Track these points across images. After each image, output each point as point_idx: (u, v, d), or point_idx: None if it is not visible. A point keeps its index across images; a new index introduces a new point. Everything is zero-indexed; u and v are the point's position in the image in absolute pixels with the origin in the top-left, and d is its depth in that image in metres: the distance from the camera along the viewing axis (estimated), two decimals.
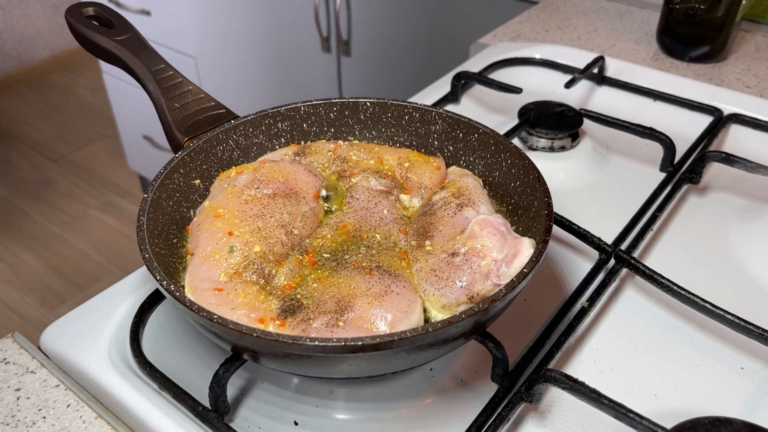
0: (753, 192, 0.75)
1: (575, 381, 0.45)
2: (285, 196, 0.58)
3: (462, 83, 0.91)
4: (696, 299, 0.55)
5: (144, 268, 0.61)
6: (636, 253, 0.65)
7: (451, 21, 1.55)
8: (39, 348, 0.56)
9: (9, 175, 2.72)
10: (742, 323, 0.53)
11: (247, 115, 0.64)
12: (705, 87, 0.92)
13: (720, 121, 0.85)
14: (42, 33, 3.37)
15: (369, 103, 0.67)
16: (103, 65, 2.19)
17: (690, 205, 0.74)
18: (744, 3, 0.97)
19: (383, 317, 0.47)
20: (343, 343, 0.41)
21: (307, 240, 0.56)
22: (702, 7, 0.97)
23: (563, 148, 0.81)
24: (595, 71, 0.95)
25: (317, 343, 0.41)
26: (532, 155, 0.80)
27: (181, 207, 0.58)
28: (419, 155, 0.64)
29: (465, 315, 0.43)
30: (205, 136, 0.61)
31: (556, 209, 0.62)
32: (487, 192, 0.61)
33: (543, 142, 0.81)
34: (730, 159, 0.72)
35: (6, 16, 3.19)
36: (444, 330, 0.43)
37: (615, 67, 0.97)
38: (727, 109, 0.87)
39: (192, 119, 0.62)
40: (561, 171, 0.79)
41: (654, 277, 0.58)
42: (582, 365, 0.55)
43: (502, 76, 0.97)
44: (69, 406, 0.51)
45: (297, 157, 0.65)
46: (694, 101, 0.88)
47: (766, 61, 1.02)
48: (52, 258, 2.30)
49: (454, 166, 0.65)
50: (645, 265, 0.59)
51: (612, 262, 0.63)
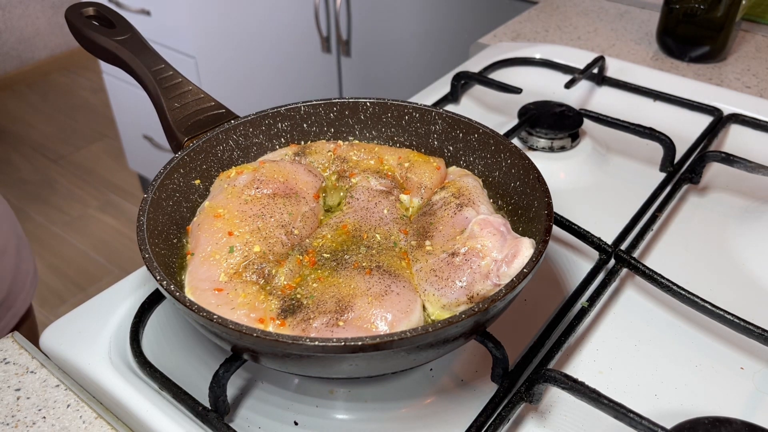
0: (753, 192, 0.75)
1: (575, 381, 0.45)
2: (285, 196, 0.58)
3: (462, 83, 0.91)
4: (696, 299, 0.55)
5: (144, 268, 0.61)
6: (636, 253, 0.65)
7: (451, 21, 1.55)
8: (39, 348, 0.56)
9: (9, 176, 2.72)
10: (742, 323, 0.53)
11: (247, 115, 0.64)
12: (705, 87, 0.92)
13: (720, 121, 0.85)
14: (42, 33, 3.38)
15: (369, 103, 0.67)
16: (103, 65, 2.19)
17: (690, 205, 0.74)
18: (744, 3, 0.97)
19: (383, 317, 0.47)
20: (343, 343, 0.41)
21: (307, 240, 0.56)
22: (702, 7, 0.97)
23: (563, 148, 0.81)
24: (595, 71, 0.95)
25: (317, 343, 0.41)
26: (532, 155, 0.80)
27: (181, 207, 0.58)
28: (419, 155, 0.65)
29: (465, 315, 0.43)
30: (205, 136, 0.61)
31: (556, 209, 0.62)
32: (487, 192, 0.61)
33: (543, 142, 0.81)
34: (730, 159, 0.72)
35: (6, 16, 3.20)
36: (444, 330, 0.43)
37: (615, 67, 0.97)
38: (727, 109, 0.87)
39: (192, 119, 0.62)
40: (561, 171, 0.79)
41: (654, 277, 0.58)
42: (582, 365, 0.55)
43: (502, 76, 0.97)
44: (69, 406, 0.51)
45: (297, 157, 0.65)
46: (694, 101, 0.88)
47: (766, 61, 1.02)
48: (52, 258, 2.30)
49: (454, 166, 0.65)
50: (645, 265, 0.59)
51: (612, 262, 0.63)
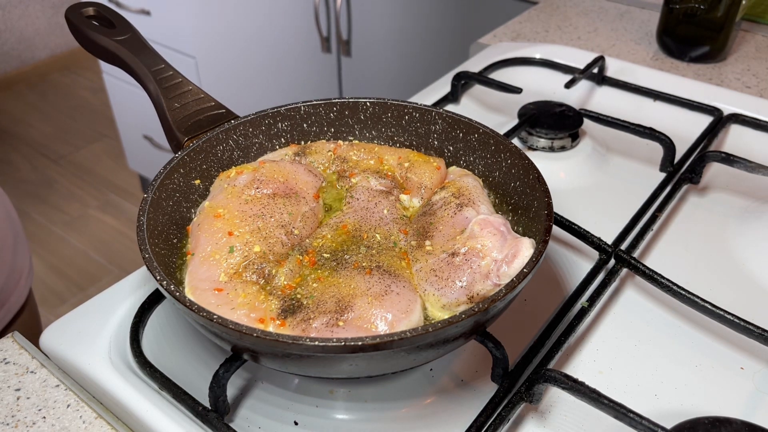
0: (753, 192, 0.75)
1: (575, 381, 0.45)
2: (285, 196, 0.58)
3: (462, 83, 0.91)
4: (696, 299, 0.55)
5: (144, 268, 0.61)
6: (636, 253, 0.65)
7: (451, 21, 1.55)
8: (39, 348, 0.56)
9: (9, 176, 2.72)
10: (742, 323, 0.53)
11: (247, 115, 0.64)
12: (705, 87, 0.92)
13: (720, 121, 0.85)
14: (42, 33, 3.37)
15: (369, 103, 0.67)
16: (103, 65, 2.19)
17: (690, 205, 0.74)
18: (744, 3, 0.97)
19: (383, 317, 0.47)
20: (343, 343, 0.41)
21: (307, 240, 0.56)
22: (702, 7, 0.97)
23: (563, 148, 0.81)
24: (595, 71, 0.95)
25: (317, 343, 0.41)
26: (532, 155, 0.80)
27: (181, 207, 0.58)
28: (419, 155, 0.65)
29: (465, 315, 0.43)
30: (205, 136, 0.61)
31: (556, 209, 0.62)
32: (487, 192, 0.61)
33: (543, 142, 0.81)
34: (730, 159, 0.72)
35: (6, 16, 3.19)
36: (444, 330, 0.43)
37: (615, 67, 0.97)
38: (727, 109, 0.87)
39: (192, 119, 0.62)
40: (561, 171, 0.79)
41: (654, 277, 0.58)
42: (582, 365, 0.55)
43: (502, 76, 0.97)
44: (69, 406, 0.51)
45: (297, 157, 0.65)
46: (694, 101, 0.88)
47: (766, 61, 1.02)
48: (52, 258, 2.30)
49: (454, 166, 0.65)
50: (645, 265, 0.59)
51: (612, 262, 0.63)
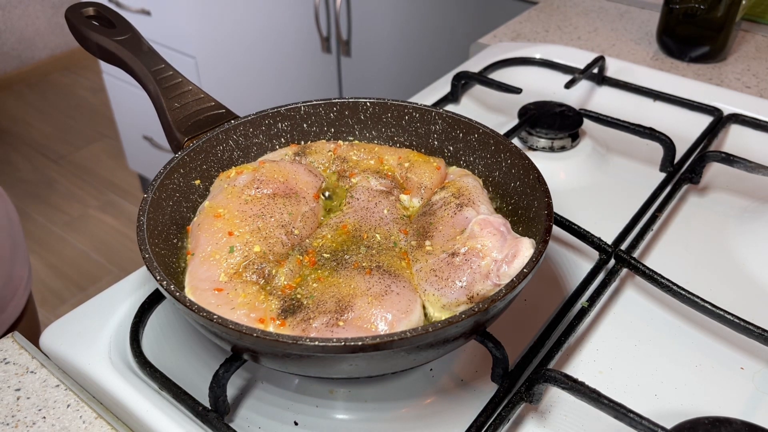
0: (753, 192, 0.75)
1: (575, 381, 0.45)
2: (285, 196, 0.58)
3: (462, 83, 0.91)
4: (696, 299, 0.55)
5: (144, 268, 0.61)
6: (636, 253, 0.65)
7: (451, 21, 1.55)
8: (39, 348, 0.56)
9: (9, 175, 2.72)
10: (742, 323, 0.53)
11: (247, 115, 0.64)
12: (705, 87, 0.92)
13: (720, 121, 0.85)
14: (42, 33, 3.37)
15: (369, 103, 0.67)
16: (103, 65, 2.19)
17: (690, 205, 0.74)
18: (744, 3, 0.97)
19: (383, 317, 0.47)
20: (343, 343, 0.41)
21: (307, 240, 0.56)
22: (702, 7, 0.97)
23: (563, 148, 0.81)
24: (595, 71, 0.95)
25: (317, 343, 0.41)
26: (532, 155, 0.80)
27: (181, 207, 0.58)
28: (419, 155, 0.65)
29: (465, 315, 0.43)
30: (205, 136, 0.61)
31: (556, 209, 0.62)
32: (487, 192, 0.61)
33: (543, 142, 0.81)
34: (730, 159, 0.72)
35: (6, 16, 3.19)
36: (444, 330, 0.43)
37: (615, 67, 0.97)
38: (727, 109, 0.87)
39: (192, 119, 0.62)
40: (561, 171, 0.79)
41: (654, 277, 0.58)
42: (582, 365, 0.55)
43: (502, 76, 0.97)
44: (69, 406, 0.51)
45: (297, 157, 0.65)
46: (694, 101, 0.88)
47: (766, 61, 1.02)
48: (52, 258, 2.30)
49: (454, 166, 0.65)
50: (645, 265, 0.59)
51: (612, 262, 0.63)
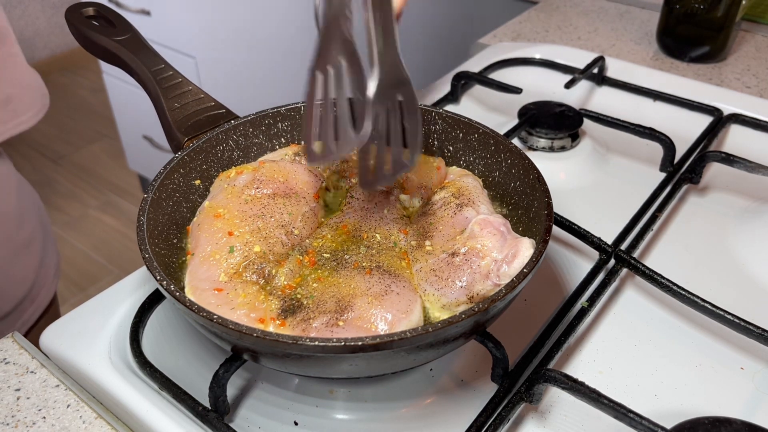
0: (753, 192, 0.75)
1: (575, 381, 0.45)
2: (285, 196, 0.58)
3: (462, 83, 0.91)
4: (696, 299, 0.55)
5: (144, 268, 0.61)
6: (636, 253, 0.65)
7: (451, 21, 1.55)
8: (39, 348, 0.56)
9: None
10: (742, 323, 0.53)
11: (247, 115, 0.64)
12: (705, 87, 0.92)
13: (720, 121, 0.85)
14: (42, 33, 3.37)
15: None
16: (103, 65, 2.19)
17: (690, 205, 0.74)
18: (744, 3, 0.97)
19: (383, 317, 0.47)
20: (343, 343, 0.41)
21: (307, 240, 0.56)
22: (702, 7, 0.97)
23: (563, 148, 0.81)
24: (595, 71, 0.95)
25: (317, 343, 0.41)
26: (532, 155, 0.80)
27: (181, 207, 0.58)
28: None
29: (465, 315, 0.43)
30: (205, 136, 0.61)
31: (556, 209, 0.62)
32: (487, 192, 0.61)
33: (543, 142, 0.81)
34: (730, 159, 0.72)
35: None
36: (444, 330, 0.43)
37: (615, 67, 0.97)
38: (727, 109, 0.87)
39: (192, 119, 0.62)
40: (561, 171, 0.79)
41: (654, 277, 0.58)
42: (582, 365, 0.55)
43: (502, 76, 0.97)
44: (69, 406, 0.51)
45: (297, 158, 0.65)
46: (694, 101, 0.88)
47: (766, 61, 1.02)
48: None
49: (454, 166, 0.65)
50: (645, 265, 0.59)
51: (612, 262, 0.63)
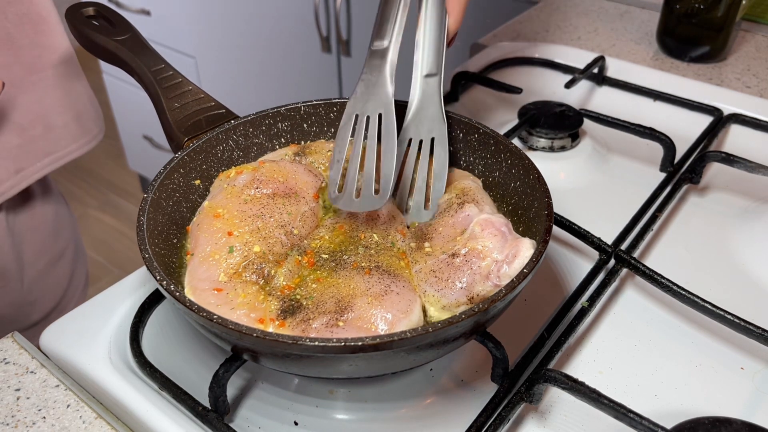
0: (753, 192, 0.75)
1: (575, 381, 0.45)
2: (284, 196, 0.58)
3: (462, 83, 0.91)
4: (696, 299, 0.55)
5: (144, 268, 0.61)
6: (636, 254, 0.65)
7: None
8: (39, 348, 0.56)
9: None
10: (742, 323, 0.53)
11: (247, 115, 0.64)
12: (705, 87, 0.92)
13: (720, 121, 0.85)
14: None
15: None
16: (103, 65, 2.19)
17: (690, 205, 0.74)
18: (744, 3, 0.97)
19: (383, 317, 0.47)
20: (343, 344, 0.41)
21: (306, 241, 0.56)
22: (702, 7, 0.97)
23: (563, 148, 0.81)
24: (596, 71, 0.95)
25: (317, 344, 0.41)
26: (532, 155, 0.80)
27: (181, 207, 0.58)
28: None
29: (465, 315, 0.43)
30: (205, 136, 0.61)
31: (556, 209, 0.62)
32: (488, 192, 0.61)
33: (543, 142, 0.81)
34: (730, 159, 0.72)
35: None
36: (444, 330, 0.43)
37: (615, 67, 0.97)
38: (727, 109, 0.87)
39: (192, 119, 0.62)
40: (561, 171, 0.79)
41: (654, 277, 0.58)
42: (582, 365, 0.55)
43: (502, 76, 0.97)
44: (69, 406, 0.51)
45: (297, 157, 0.65)
46: (694, 101, 0.88)
47: (766, 61, 1.02)
48: None
49: (453, 167, 0.65)
50: (645, 265, 0.59)
51: (612, 262, 0.63)
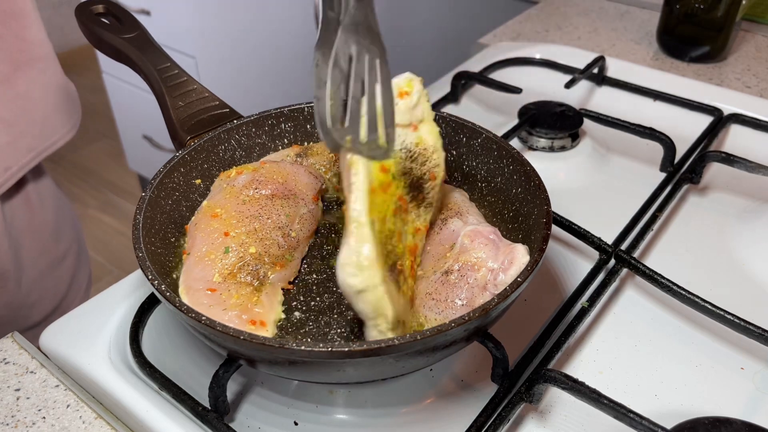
0: (753, 192, 0.75)
1: (575, 381, 0.45)
2: (283, 197, 0.58)
3: (462, 83, 0.91)
4: (696, 299, 0.55)
5: None
6: (636, 254, 0.65)
7: (452, 21, 1.55)
8: (39, 348, 0.56)
9: None
10: (742, 323, 0.53)
11: (250, 115, 0.64)
12: (705, 87, 0.92)
13: (720, 121, 0.85)
14: None
15: None
16: (103, 65, 2.19)
17: (690, 205, 0.74)
18: (744, 3, 0.97)
19: None
20: (330, 349, 0.40)
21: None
22: (702, 7, 0.97)
23: (563, 148, 0.81)
24: (595, 71, 0.95)
25: (303, 348, 0.40)
26: (532, 155, 0.80)
27: (181, 206, 0.58)
28: None
29: (455, 323, 0.42)
30: (207, 135, 0.61)
31: (556, 209, 0.62)
32: (489, 198, 0.61)
33: (543, 142, 0.81)
34: (730, 159, 0.72)
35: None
36: (433, 338, 0.41)
37: (615, 67, 0.97)
38: (727, 109, 0.87)
39: (195, 118, 0.62)
40: (561, 171, 0.79)
41: (654, 277, 0.58)
42: (582, 365, 0.55)
43: (502, 76, 0.97)
44: (69, 406, 0.51)
45: (299, 159, 0.64)
46: (694, 101, 0.88)
47: (766, 61, 1.02)
48: None
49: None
50: (645, 265, 0.59)
51: (612, 262, 0.63)
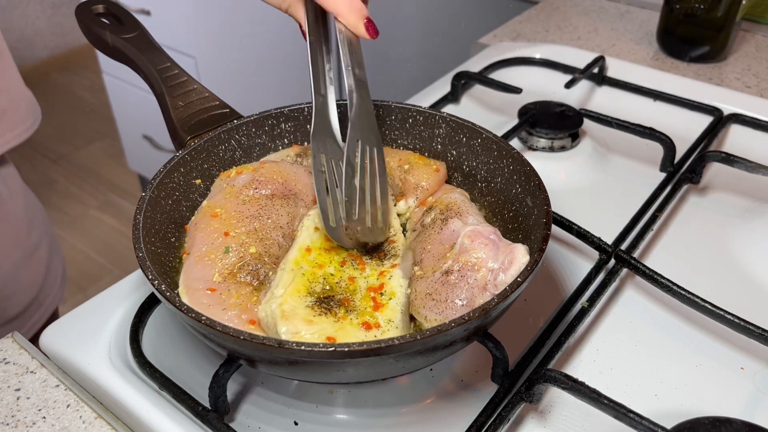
0: (753, 192, 0.75)
1: (575, 381, 0.45)
2: (283, 197, 0.58)
3: (462, 83, 0.91)
4: (696, 299, 0.55)
5: None
6: (636, 254, 0.65)
7: (451, 21, 1.55)
8: (39, 348, 0.56)
9: None
10: (742, 323, 0.53)
11: (250, 115, 0.64)
12: (705, 87, 0.92)
13: (720, 121, 0.85)
14: (42, 33, 3.37)
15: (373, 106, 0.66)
16: (103, 65, 2.19)
17: (690, 205, 0.74)
18: (744, 3, 0.97)
19: None
20: (332, 349, 0.40)
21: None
22: (702, 7, 0.97)
23: (563, 148, 0.81)
24: (596, 71, 0.95)
25: (303, 348, 0.40)
26: (532, 155, 0.80)
27: (181, 206, 0.58)
28: (420, 157, 0.64)
29: (455, 323, 0.42)
30: (207, 135, 0.61)
31: (556, 209, 0.62)
32: (489, 198, 0.61)
33: (543, 142, 0.81)
34: (730, 159, 0.72)
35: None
36: (432, 338, 0.41)
37: (615, 67, 0.97)
38: (727, 109, 0.87)
39: (195, 118, 0.62)
40: (561, 171, 0.79)
41: (654, 277, 0.58)
42: (582, 365, 0.55)
43: (502, 76, 0.97)
44: (69, 406, 0.51)
45: (299, 159, 0.64)
46: (694, 101, 0.88)
47: (766, 61, 1.02)
48: None
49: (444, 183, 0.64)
50: (645, 265, 0.59)
51: (612, 262, 0.63)
